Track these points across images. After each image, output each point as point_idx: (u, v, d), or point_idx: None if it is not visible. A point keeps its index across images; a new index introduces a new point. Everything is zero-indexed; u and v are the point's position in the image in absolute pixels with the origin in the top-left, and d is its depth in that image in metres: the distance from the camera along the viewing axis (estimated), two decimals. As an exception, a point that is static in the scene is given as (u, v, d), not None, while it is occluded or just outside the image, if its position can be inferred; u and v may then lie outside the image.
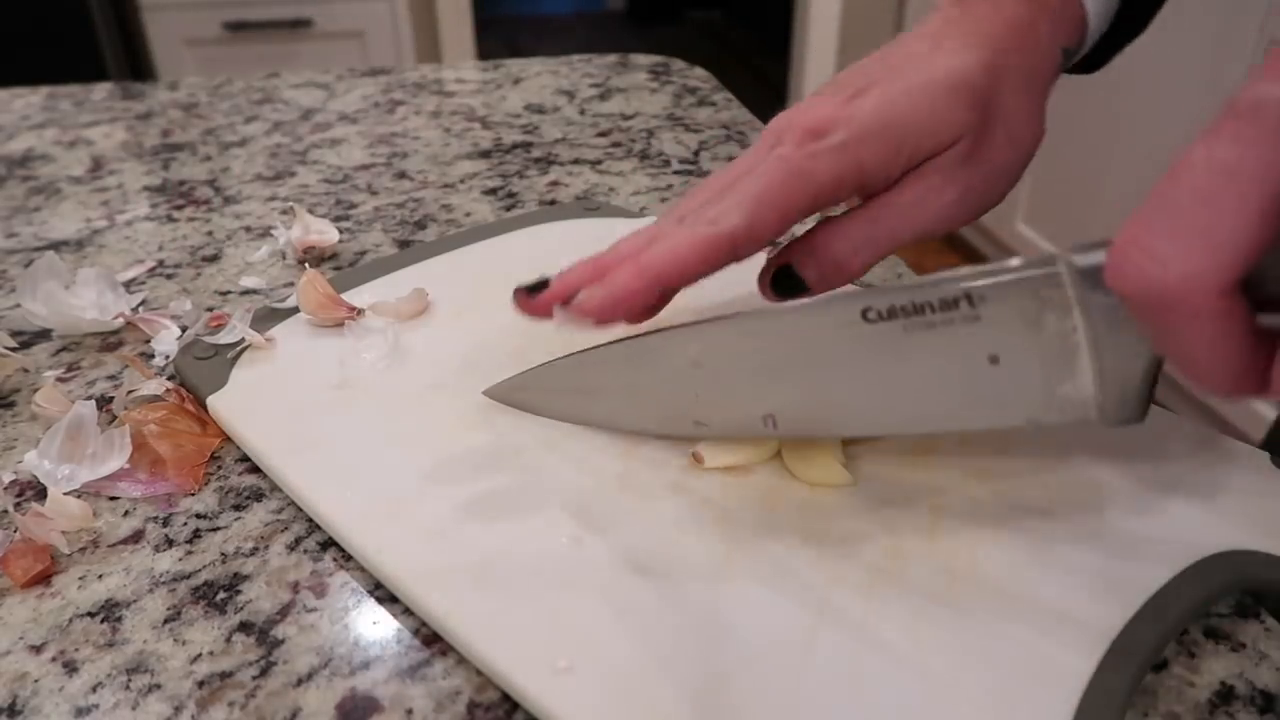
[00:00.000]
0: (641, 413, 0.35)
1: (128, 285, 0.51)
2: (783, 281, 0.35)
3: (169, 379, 0.41)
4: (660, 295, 0.33)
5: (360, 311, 0.44)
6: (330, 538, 0.33)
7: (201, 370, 0.40)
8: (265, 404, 0.38)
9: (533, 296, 0.34)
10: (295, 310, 0.44)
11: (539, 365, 0.37)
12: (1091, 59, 0.40)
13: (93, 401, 0.37)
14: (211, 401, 0.39)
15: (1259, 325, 0.21)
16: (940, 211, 0.33)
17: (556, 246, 0.51)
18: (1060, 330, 0.27)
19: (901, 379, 0.30)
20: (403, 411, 0.38)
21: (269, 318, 0.44)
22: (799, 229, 0.35)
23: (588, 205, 0.58)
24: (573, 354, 0.36)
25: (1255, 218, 0.19)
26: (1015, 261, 0.28)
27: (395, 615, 0.30)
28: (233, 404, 0.38)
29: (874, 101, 0.32)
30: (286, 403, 0.39)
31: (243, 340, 0.42)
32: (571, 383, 0.36)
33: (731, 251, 0.32)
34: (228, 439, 0.38)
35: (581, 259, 0.35)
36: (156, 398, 0.39)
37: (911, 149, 0.32)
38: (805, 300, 0.32)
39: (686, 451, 0.35)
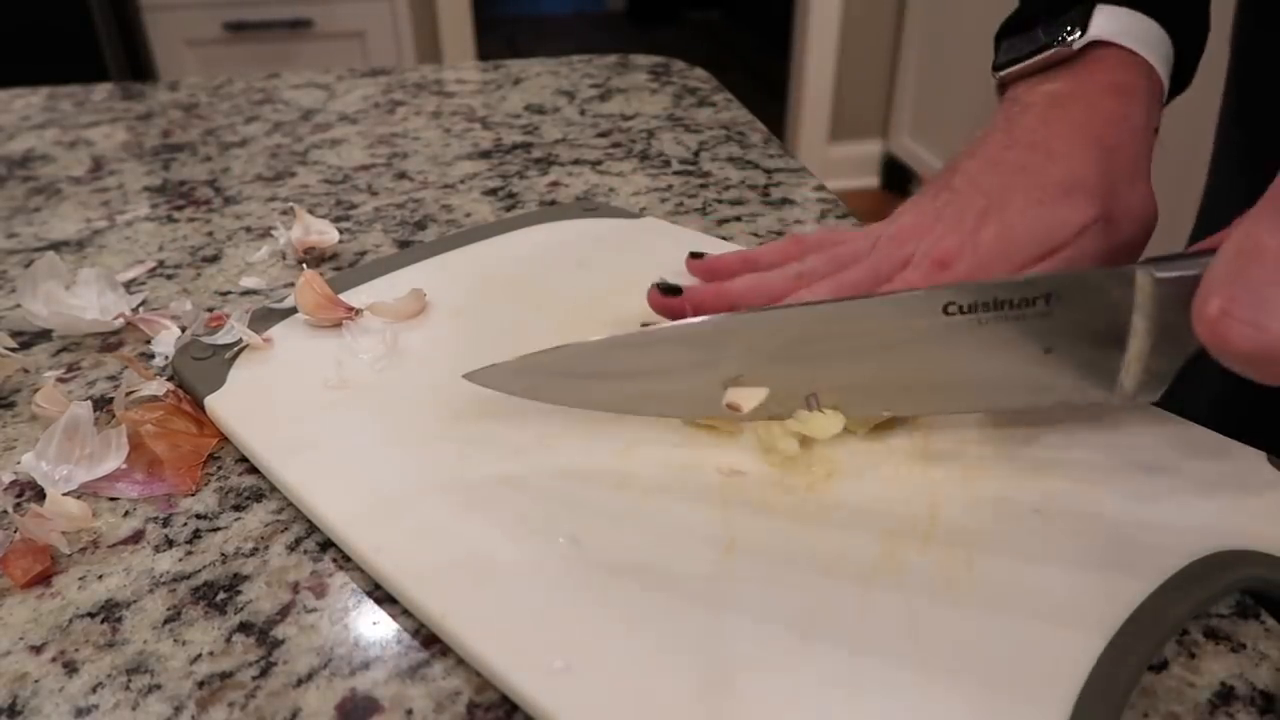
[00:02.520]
0: (669, 395, 0.35)
1: (128, 285, 0.51)
2: None
3: (168, 379, 0.41)
4: None
5: (358, 312, 0.44)
6: (330, 538, 0.33)
7: (199, 370, 0.40)
8: (262, 405, 0.38)
9: (666, 296, 0.39)
10: (293, 310, 0.44)
11: (545, 350, 0.35)
12: None
13: (89, 402, 0.37)
14: (209, 402, 0.39)
15: None
16: None
17: (556, 247, 0.51)
18: (1115, 328, 0.31)
19: (960, 365, 0.33)
20: (400, 412, 0.38)
21: (267, 318, 0.44)
22: None
23: (587, 205, 0.58)
24: (585, 341, 0.35)
25: None
26: (1093, 268, 0.32)
27: (395, 615, 0.30)
28: (230, 404, 0.38)
29: (994, 232, 0.37)
30: (284, 403, 0.39)
31: (240, 340, 0.42)
32: (589, 367, 0.35)
33: None
34: (226, 439, 0.38)
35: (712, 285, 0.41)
36: (156, 398, 0.39)
37: (1025, 260, 0.37)
38: (888, 291, 0.37)
39: (685, 452, 0.35)
